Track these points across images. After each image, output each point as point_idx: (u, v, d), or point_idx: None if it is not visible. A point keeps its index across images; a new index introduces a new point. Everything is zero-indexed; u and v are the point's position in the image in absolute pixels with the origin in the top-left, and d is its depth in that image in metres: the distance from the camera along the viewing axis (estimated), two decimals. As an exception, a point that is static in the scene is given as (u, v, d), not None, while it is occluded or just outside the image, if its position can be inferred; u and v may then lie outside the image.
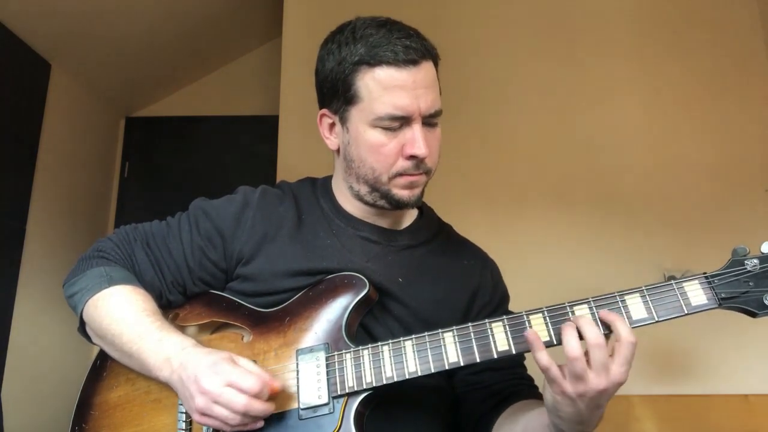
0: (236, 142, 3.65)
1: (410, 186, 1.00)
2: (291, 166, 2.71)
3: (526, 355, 0.91)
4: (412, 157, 0.96)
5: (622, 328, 0.79)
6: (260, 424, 0.88)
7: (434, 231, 1.14)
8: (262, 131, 3.31)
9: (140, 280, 1.03)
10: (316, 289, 0.99)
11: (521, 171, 2.64)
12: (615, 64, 2.72)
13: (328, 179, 1.14)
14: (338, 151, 1.05)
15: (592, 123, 2.66)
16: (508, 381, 1.05)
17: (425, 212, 1.16)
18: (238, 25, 3.55)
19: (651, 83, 2.67)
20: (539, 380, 1.08)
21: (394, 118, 0.94)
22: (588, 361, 0.78)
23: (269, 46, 3.70)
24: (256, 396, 0.84)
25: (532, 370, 1.10)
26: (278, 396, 0.89)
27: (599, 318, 0.82)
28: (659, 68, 2.68)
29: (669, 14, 2.75)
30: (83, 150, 3.36)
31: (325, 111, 1.04)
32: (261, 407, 0.85)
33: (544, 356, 0.80)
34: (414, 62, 0.94)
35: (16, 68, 2.79)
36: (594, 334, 0.78)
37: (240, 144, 3.63)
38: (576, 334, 0.79)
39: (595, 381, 0.77)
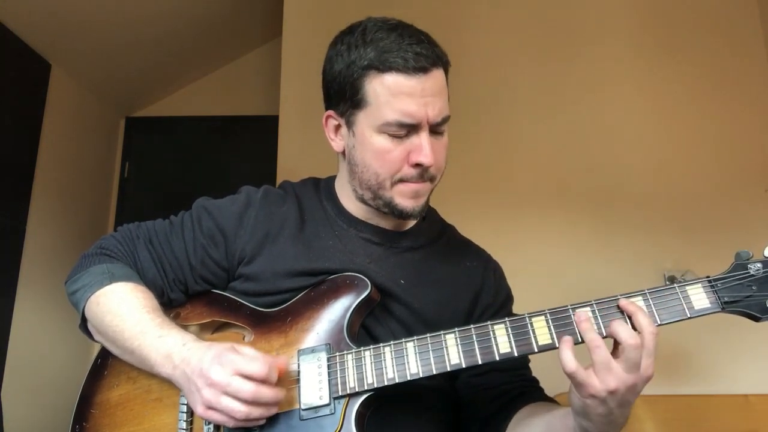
0: (236, 142, 3.65)
1: (414, 195, 0.99)
2: (291, 166, 2.71)
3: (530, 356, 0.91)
4: (417, 165, 0.95)
5: (643, 319, 0.79)
6: (262, 421, 0.87)
7: (437, 233, 1.14)
8: (262, 131, 3.31)
9: (142, 277, 1.03)
10: (318, 289, 0.99)
11: (521, 172, 2.64)
12: (615, 64, 2.72)
13: (331, 180, 1.14)
14: (343, 153, 1.04)
15: (592, 123, 2.66)
16: (514, 382, 1.04)
17: (428, 214, 1.15)
18: (238, 24, 3.54)
19: (651, 84, 2.67)
20: (542, 383, 1.08)
21: (401, 125, 0.94)
22: (622, 360, 0.78)
23: (269, 46, 3.70)
24: (265, 380, 0.84)
25: (535, 371, 1.10)
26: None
27: (618, 306, 0.82)
28: (659, 69, 2.68)
29: (669, 15, 2.75)
30: (83, 150, 3.36)
31: (331, 113, 1.03)
32: (270, 393, 0.85)
33: (570, 359, 0.79)
34: (424, 70, 0.93)
35: (16, 68, 2.79)
36: (627, 333, 0.78)
37: (240, 144, 3.64)
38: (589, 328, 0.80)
39: (625, 376, 0.77)
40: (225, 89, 3.80)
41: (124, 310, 0.96)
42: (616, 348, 0.80)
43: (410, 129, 0.94)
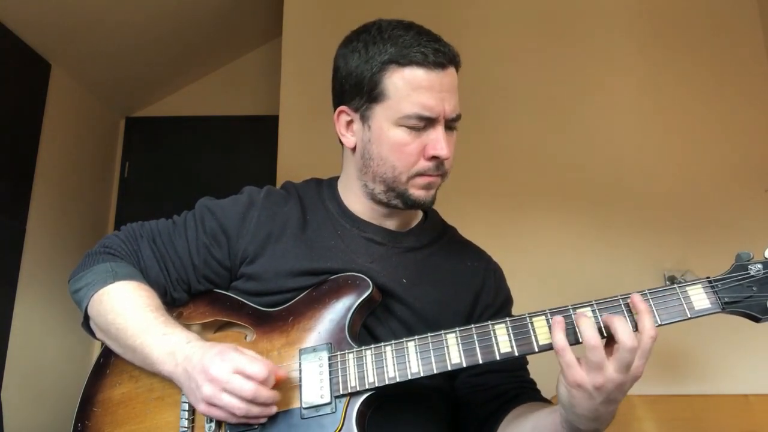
0: (236, 142, 3.65)
1: (427, 187, 1.01)
2: (291, 166, 2.71)
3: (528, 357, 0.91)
4: (433, 158, 0.98)
5: (647, 321, 0.79)
6: (263, 420, 0.88)
7: (438, 233, 1.14)
8: (262, 131, 3.32)
9: (146, 276, 1.04)
10: (320, 289, 0.99)
11: (521, 172, 2.64)
12: (615, 65, 2.72)
13: (334, 180, 1.14)
14: (354, 149, 1.05)
15: (592, 123, 2.66)
16: (511, 383, 1.05)
17: (429, 214, 1.16)
18: (238, 25, 3.54)
19: (651, 84, 2.68)
20: (541, 384, 1.09)
21: (420, 118, 0.96)
22: (614, 359, 0.78)
23: (269, 46, 3.69)
24: (263, 382, 0.85)
25: (534, 373, 1.10)
26: (281, 395, 0.89)
27: (630, 302, 0.82)
28: (660, 69, 2.68)
29: (669, 15, 2.75)
30: (83, 150, 3.36)
31: (344, 108, 1.04)
32: (268, 394, 0.86)
33: (561, 338, 0.80)
34: (442, 66, 0.96)
35: (16, 68, 2.79)
36: (627, 334, 0.78)
37: (240, 144, 3.64)
38: (592, 325, 0.80)
39: (614, 375, 0.77)
40: (225, 89, 3.80)
41: (127, 308, 0.97)
42: (610, 345, 0.80)
43: (428, 122, 0.97)
